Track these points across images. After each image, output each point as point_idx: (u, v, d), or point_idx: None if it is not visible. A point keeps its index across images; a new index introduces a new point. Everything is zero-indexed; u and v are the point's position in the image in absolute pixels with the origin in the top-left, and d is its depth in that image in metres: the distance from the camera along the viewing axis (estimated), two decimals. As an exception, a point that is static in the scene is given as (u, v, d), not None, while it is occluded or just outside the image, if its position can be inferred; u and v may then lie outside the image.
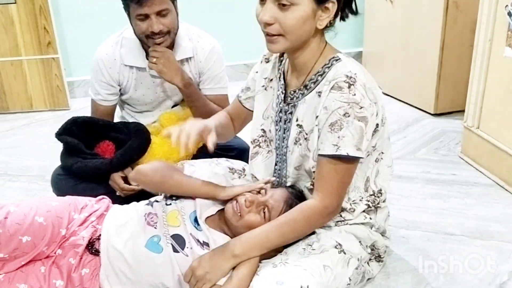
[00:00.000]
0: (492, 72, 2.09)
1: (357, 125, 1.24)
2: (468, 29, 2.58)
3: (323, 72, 1.33)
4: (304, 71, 1.37)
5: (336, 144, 1.25)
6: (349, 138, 1.24)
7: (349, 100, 1.23)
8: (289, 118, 1.42)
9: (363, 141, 1.26)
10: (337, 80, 1.26)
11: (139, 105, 1.96)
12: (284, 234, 1.31)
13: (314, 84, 1.34)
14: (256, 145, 1.54)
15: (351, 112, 1.23)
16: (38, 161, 2.46)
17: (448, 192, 2.05)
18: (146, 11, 1.66)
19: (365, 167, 1.40)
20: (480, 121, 2.19)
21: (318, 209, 1.30)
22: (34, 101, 3.18)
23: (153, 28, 1.68)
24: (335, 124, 1.25)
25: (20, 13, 2.98)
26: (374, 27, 3.35)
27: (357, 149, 1.25)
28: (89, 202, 1.52)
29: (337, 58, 1.33)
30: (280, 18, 1.23)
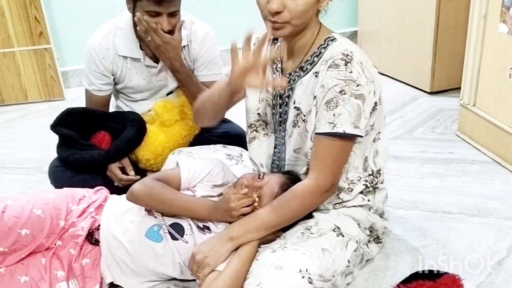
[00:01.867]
0: (487, 49, 2.08)
1: (354, 102, 1.24)
2: (463, 5, 2.55)
3: (319, 52, 1.32)
4: (301, 53, 1.36)
5: (332, 122, 1.24)
6: (346, 116, 1.24)
7: (345, 77, 1.23)
8: (285, 101, 1.41)
9: (361, 119, 1.26)
10: (334, 58, 1.26)
11: (134, 94, 1.95)
12: (280, 215, 1.32)
13: (310, 65, 1.33)
14: (253, 130, 1.53)
15: (347, 89, 1.23)
16: (35, 153, 2.45)
17: (446, 171, 2.06)
18: (161, 10, 1.65)
19: (363, 146, 1.40)
20: (476, 98, 2.19)
21: (312, 188, 1.30)
22: (29, 93, 3.16)
23: (163, 27, 1.67)
24: (331, 102, 1.24)
25: (10, 3, 2.93)
26: (368, 6, 3.32)
27: (354, 127, 1.25)
28: (87, 193, 1.53)
29: (332, 38, 1.32)
30: (289, 4, 1.21)
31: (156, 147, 1.84)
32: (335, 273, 1.27)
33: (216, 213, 1.39)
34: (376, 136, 1.43)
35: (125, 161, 1.80)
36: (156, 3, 1.63)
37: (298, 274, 1.19)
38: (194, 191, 1.48)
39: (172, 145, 1.85)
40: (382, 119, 1.42)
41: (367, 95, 1.26)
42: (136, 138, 1.81)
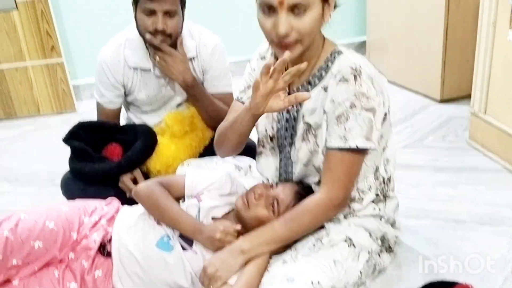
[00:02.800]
0: (496, 56, 2.07)
1: (365, 116, 1.24)
2: (471, 13, 2.55)
3: (326, 66, 1.32)
4: (308, 68, 1.36)
5: (344, 136, 1.25)
6: (358, 130, 1.24)
7: (355, 91, 1.23)
8: (293, 116, 1.41)
9: (373, 131, 1.26)
10: (343, 72, 1.26)
11: (144, 105, 1.97)
12: (291, 229, 1.32)
13: (318, 80, 1.34)
14: (260, 145, 1.54)
15: (357, 103, 1.23)
16: (47, 165, 2.48)
17: (457, 179, 2.04)
18: (155, 7, 1.66)
19: (374, 156, 1.40)
20: (487, 106, 2.18)
21: (324, 202, 1.30)
22: (41, 106, 3.20)
23: (157, 25, 1.68)
24: (341, 116, 1.25)
25: (22, 19, 2.99)
26: (376, 15, 3.33)
27: (367, 140, 1.25)
28: (99, 205, 1.54)
29: (338, 51, 1.33)
30: (296, 25, 1.20)
31: (167, 158, 1.85)
32: (347, 285, 1.27)
33: (199, 235, 1.38)
34: (386, 145, 1.43)
35: (136, 173, 1.81)
36: None
37: (310, 286, 1.18)
38: (200, 200, 1.49)
39: (183, 156, 1.86)
40: (389, 127, 1.43)
41: (377, 107, 1.26)
42: (147, 150, 1.82)
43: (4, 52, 3.05)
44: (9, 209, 2.05)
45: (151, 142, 1.84)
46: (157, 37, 1.72)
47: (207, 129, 1.93)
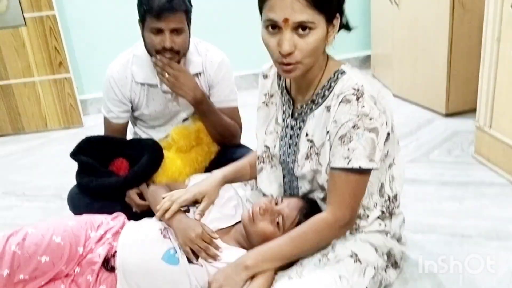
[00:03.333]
0: (501, 70, 2.07)
1: (368, 136, 1.24)
2: (476, 27, 2.56)
3: (330, 86, 1.33)
4: (311, 87, 1.37)
5: (347, 157, 1.25)
6: (360, 150, 1.24)
7: (358, 112, 1.24)
8: (297, 133, 1.42)
9: (376, 152, 1.26)
10: (345, 93, 1.26)
11: (151, 120, 1.99)
12: (297, 247, 1.32)
13: (322, 99, 1.34)
14: (260, 162, 1.55)
15: (360, 124, 1.23)
16: (54, 180, 2.50)
17: (463, 194, 2.04)
18: (162, 26, 1.69)
19: (378, 173, 1.40)
20: (492, 120, 2.18)
21: (329, 222, 1.30)
22: (48, 121, 3.24)
23: (165, 44, 1.71)
24: (344, 137, 1.25)
25: (31, 35, 3.04)
26: (381, 30, 3.35)
27: (370, 160, 1.25)
28: (105, 219, 1.55)
29: (341, 71, 1.33)
30: (300, 45, 1.21)
31: (173, 172, 1.86)
32: (353, 300, 1.26)
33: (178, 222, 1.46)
34: (392, 162, 1.43)
35: (143, 187, 1.82)
36: (155, 17, 1.67)
37: (316, 302, 1.18)
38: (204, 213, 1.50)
39: (189, 171, 1.87)
40: (395, 145, 1.42)
41: (380, 127, 1.26)
42: (153, 164, 1.83)
43: (12, 68, 3.09)
44: (16, 223, 2.07)
45: (157, 157, 1.85)
46: (165, 54, 1.74)
47: (213, 143, 1.95)
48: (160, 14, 1.66)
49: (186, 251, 1.40)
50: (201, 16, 2.02)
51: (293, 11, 1.17)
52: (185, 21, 1.75)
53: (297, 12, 1.17)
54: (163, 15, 1.67)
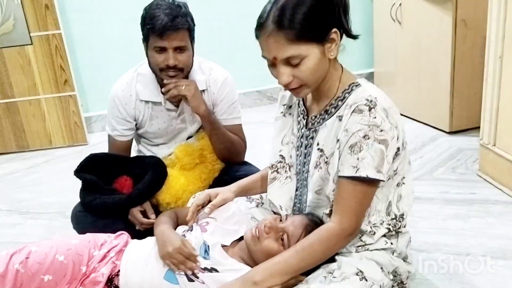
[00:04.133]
0: (504, 88, 2.08)
1: (377, 147, 1.25)
2: (478, 45, 2.58)
3: (343, 97, 1.34)
4: (325, 98, 1.39)
5: (356, 166, 1.25)
6: (369, 160, 1.24)
7: (369, 122, 1.24)
8: (310, 143, 1.43)
9: (384, 164, 1.27)
10: (358, 103, 1.27)
11: (155, 138, 1.99)
12: (304, 259, 1.31)
13: (334, 109, 1.36)
14: (274, 171, 1.55)
15: (371, 134, 1.24)
16: (58, 197, 2.50)
17: (468, 212, 2.03)
18: (165, 44, 1.71)
19: (386, 191, 1.40)
20: (496, 138, 2.18)
21: (336, 231, 1.29)
22: (53, 138, 3.26)
23: (169, 62, 1.73)
24: (354, 146, 1.26)
25: (37, 53, 3.07)
26: (384, 47, 3.37)
27: (377, 171, 1.25)
28: (108, 238, 1.55)
29: (357, 83, 1.35)
30: (296, 74, 1.26)
31: (177, 190, 1.86)
32: (358, 319, 1.25)
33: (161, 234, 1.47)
34: (401, 181, 1.43)
35: (146, 205, 1.82)
36: (158, 36, 1.69)
37: (321, 320, 1.16)
38: (205, 229, 1.49)
39: (192, 189, 1.87)
40: (406, 164, 1.42)
41: (390, 140, 1.27)
42: (157, 183, 1.84)
43: (18, 86, 3.13)
44: (20, 241, 2.07)
45: (161, 175, 1.85)
46: (169, 72, 1.76)
47: (216, 161, 1.95)
48: (163, 32, 1.69)
49: (166, 263, 1.41)
50: (205, 35, 2.05)
51: (277, 50, 1.23)
52: (188, 39, 1.77)
53: (281, 50, 1.23)
54: (166, 34, 1.69)
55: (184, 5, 1.77)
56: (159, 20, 1.68)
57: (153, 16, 1.70)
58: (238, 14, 3.41)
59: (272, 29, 1.22)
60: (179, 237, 1.46)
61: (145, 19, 1.74)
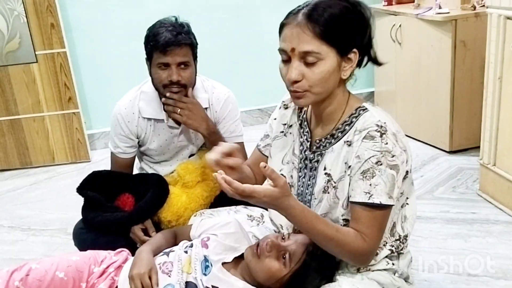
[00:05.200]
0: (504, 109, 2.10)
1: (389, 173, 1.25)
2: (477, 66, 2.61)
3: (351, 121, 1.34)
4: (331, 121, 1.38)
5: (369, 192, 1.25)
6: (382, 187, 1.24)
7: (381, 149, 1.24)
8: (315, 166, 1.42)
9: (394, 189, 1.26)
10: (369, 129, 1.27)
11: (157, 155, 2.01)
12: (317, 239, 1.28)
13: (341, 134, 1.35)
14: None
15: (383, 160, 1.24)
16: (60, 214, 2.51)
17: (469, 232, 2.03)
18: (168, 60, 1.74)
19: (392, 212, 1.40)
20: (496, 158, 2.19)
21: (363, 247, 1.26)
22: (56, 155, 3.27)
23: (172, 78, 1.75)
24: (367, 172, 1.25)
25: (42, 71, 3.11)
26: (384, 67, 3.32)
27: (389, 197, 1.25)
28: (108, 254, 1.55)
29: (363, 108, 1.34)
30: (307, 74, 1.24)
31: (178, 208, 1.87)
32: None
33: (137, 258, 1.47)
34: (405, 202, 1.43)
35: (147, 223, 1.82)
36: (162, 52, 1.72)
37: None
38: (206, 245, 1.49)
39: (194, 206, 1.88)
40: (410, 185, 1.43)
41: (400, 165, 1.27)
42: (158, 200, 1.84)
43: (22, 103, 3.15)
44: (21, 258, 2.07)
45: (163, 193, 1.86)
46: (173, 88, 1.78)
47: (218, 179, 1.96)
48: (166, 48, 1.72)
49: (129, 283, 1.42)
50: (207, 53, 2.07)
51: (299, 41, 1.22)
52: (191, 56, 1.79)
53: (303, 42, 1.21)
54: (169, 50, 1.72)
55: (186, 24, 1.81)
56: (162, 36, 1.72)
57: (157, 33, 1.74)
58: (240, 33, 3.45)
59: (301, 19, 1.22)
60: (150, 265, 1.44)
61: (148, 37, 1.78)
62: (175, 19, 1.81)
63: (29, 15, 3.00)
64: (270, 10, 3.28)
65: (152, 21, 1.83)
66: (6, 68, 3.08)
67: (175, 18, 1.81)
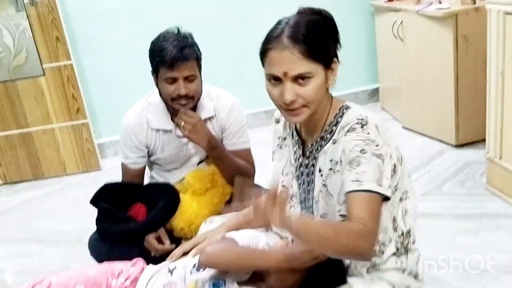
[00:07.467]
0: (507, 103, 2.11)
1: (375, 161, 1.26)
2: (480, 59, 2.61)
3: (336, 121, 1.37)
4: (318, 126, 1.41)
5: (357, 180, 1.25)
6: (370, 174, 1.25)
7: (364, 137, 1.27)
8: (311, 170, 1.46)
9: (383, 178, 1.27)
10: (350, 124, 1.31)
11: (166, 164, 2.04)
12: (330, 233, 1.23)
13: (329, 135, 1.39)
14: None
15: (368, 148, 1.26)
16: (74, 224, 2.54)
17: (478, 227, 2.04)
18: (175, 75, 1.77)
19: (390, 207, 1.41)
20: (502, 152, 2.19)
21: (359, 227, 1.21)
22: (67, 165, 3.32)
23: (180, 91, 1.78)
24: (353, 162, 1.27)
25: (49, 84, 3.16)
26: (387, 64, 3.41)
27: (378, 185, 1.26)
28: (125, 266, 1.58)
29: (346, 106, 1.38)
30: (301, 92, 1.27)
31: (189, 215, 1.90)
32: None
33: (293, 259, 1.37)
34: (403, 196, 1.44)
35: (160, 231, 1.86)
36: (168, 68, 1.75)
37: None
38: None
39: (204, 213, 1.91)
40: (406, 178, 1.44)
41: (384, 156, 1.29)
42: (170, 209, 1.88)
43: (32, 116, 3.20)
44: (39, 270, 2.11)
45: (174, 201, 1.90)
46: (181, 101, 1.81)
47: (227, 185, 1.99)
48: (173, 64, 1.74)
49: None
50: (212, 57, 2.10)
51: (290, 64, 1.24)
52: (197, 68, 1.82)
53: (294, 65, 1.24)
54: (176, 65, 1.75)
55: (190, 36, 1.84)
56: (168, 52, 1.75)
57: (162, 49, 1.76)
58: (245, 36, 3.48)
59: (287, 42, 1.24)
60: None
61: (153, 52, 1.81)
62: (178, 30, 1.83)
63: (34, 29, 3.05)
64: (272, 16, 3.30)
65: (155, 30, 1.85)
66: (15, 82, 3.13)
67: (178, 29, 1.83)
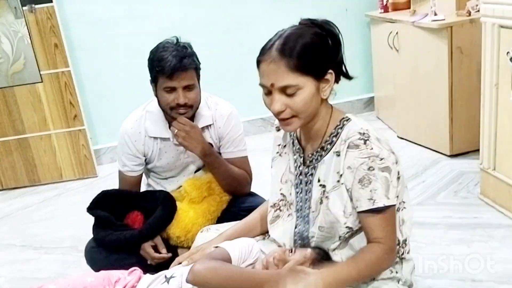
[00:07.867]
0: (501, 115, 2.13)
1: (382, 176, 1.29)
2: (474, 71, 2.64)
3: (337, 133, 1.40)
4: (318, 136, 1.44)
5: (371, 198, 1.29)
6: (380, 190, 1.29)
7: (368, 154, 1.29)
8: (309, 179, 1.47)
9: (390, 189, 1.31)
10: (351, 139, 1.33)
11: (164, 172, 2.05)
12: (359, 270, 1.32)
13: (330, 145, 1.41)
14: (276, 209, 1.59)
15: (373, 165, 1.29)
16: (71, 231, 2.54)
17: (472, 237, 2.06)
18: (175, 84, 1.78)
19: None
20: (495, 162, 2.22)
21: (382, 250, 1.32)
22: (63, 172, 3.32)
23: (179, 101, 1.80)
24: (363, 180, 1.30)
25: (47, 90, 3.17)
26: (382, 73, 3.44)
27: (387, 198, 1.30)
28: (122, 275, 1.58)
29: (347, 118, 1.40)
30: (289, 104, 1.31)
31: (186, 224, 1.91)
32: None
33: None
34: (400, 206, 1.46)
35: (157, 240, 1.86)
36: (168, 77, 1.77)
37: None
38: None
39: (201, 221, 1.92)
40: (404, 188, 1.47)
41: (391, 166, 1.32)
42: (167, 217, 1.89)
43: (29, 122, 3.21)
44: (35, 277, 2.11)
45: (171, 210, 1.90)
46: (180, 110, 1.83)
47: (224, 193, 2.00)
48: (172, 74, 1.76)
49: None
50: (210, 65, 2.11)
51: (277, 76, 1.28)
52: (196, 78, 1.84)
53: (280, 77, 1.28)
54: (175, 75, 1.76)
55: (188, 45, 1.85)
56: (167, 62, 1.76)
57: (161, 58, 1.78)
58: (242, 44, 3.51)
59: (274, 56, 1.28)
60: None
61: (153, 61, 1.82)
62: (177, 40, 1.85)
63: (32, 36, 3.06)
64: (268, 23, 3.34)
65: (153, 38, 1.87)
66: (12, 89, 3.14)
67: (177, 39, 1.85)
